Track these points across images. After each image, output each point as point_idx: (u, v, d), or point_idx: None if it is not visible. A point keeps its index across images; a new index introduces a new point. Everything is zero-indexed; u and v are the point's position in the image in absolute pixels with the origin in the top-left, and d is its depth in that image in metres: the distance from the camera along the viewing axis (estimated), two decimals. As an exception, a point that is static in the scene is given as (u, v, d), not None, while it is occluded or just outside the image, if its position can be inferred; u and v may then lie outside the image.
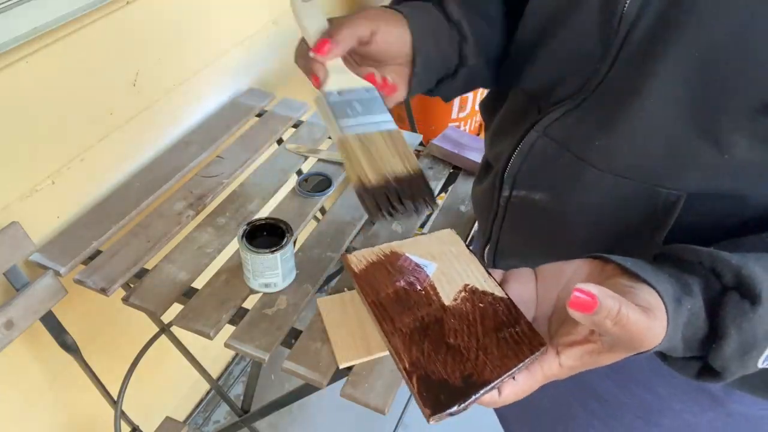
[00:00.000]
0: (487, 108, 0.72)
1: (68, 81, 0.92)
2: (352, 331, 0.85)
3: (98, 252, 0.96)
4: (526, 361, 0.42)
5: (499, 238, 0.66)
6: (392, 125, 0.53)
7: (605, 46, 0.51)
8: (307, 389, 1.02)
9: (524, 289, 0.47)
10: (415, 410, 1.62)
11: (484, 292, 0.48)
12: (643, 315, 0.37)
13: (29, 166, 0.90)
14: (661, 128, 0.49)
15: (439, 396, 0.42)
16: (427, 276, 0.51)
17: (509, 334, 0.45)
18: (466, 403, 0.41)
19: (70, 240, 0.96)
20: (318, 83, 0.53)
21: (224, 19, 1.24)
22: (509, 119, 0.65)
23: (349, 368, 0.82)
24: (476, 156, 1.20)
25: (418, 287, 0.50)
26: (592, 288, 0.35)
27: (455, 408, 0.41)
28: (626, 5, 0.48)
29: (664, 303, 0.38)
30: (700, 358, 0.43)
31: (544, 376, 0.42)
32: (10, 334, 0.85)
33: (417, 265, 0.52)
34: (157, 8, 1.05)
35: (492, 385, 0.42)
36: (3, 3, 0.78)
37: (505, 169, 0.61)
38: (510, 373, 0.42)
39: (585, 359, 0.41)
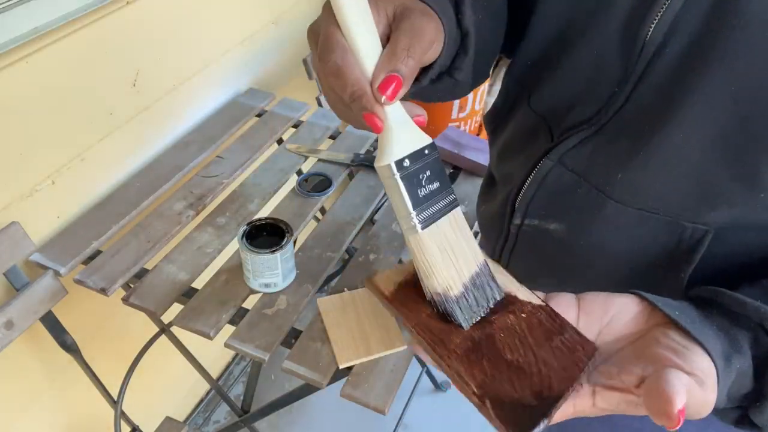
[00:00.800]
0: (494, 121, 0.67)
1: (68, 81, 0.92)
2: (352, 331, 0.85)
3: (98, 252, 0.96)
4: (586, 369, 0.40)
5: (509, 263, 0.62)
6: (455, 200, 0.44)
7: (626, 70, 0.48)
8: (307, 389, 1.02)
9: (564, 316, 0.44)
10: (415, 410, 1.62)
11: (522, 302, 0.46)
12: (700, 391, 0.36)
13: (29, 166, 0.90)
14: (688, 163, 0.46)
15: (518, 417, 0.38)
16: None
17: (560, 342, 0.42)
18: (547, 420, 0.38)
19: (70, 240, 0.96)
20: (380, 129, 0.39)
21: (224, 19, 1.24)
22: (519, 138, 0.60)
23: (349, 368, 0.82)
24: (476, 156, 1.20)
25: None
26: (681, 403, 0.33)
27: (540, 428, 0.38)
28: (650, 30, 0.45)
29: (716, 366, 0.37)
30: (741, 407, 0.42)
31: (574, 412, 0.39)
32: (10, 334, 0.85)
33: None
34: (157, 8, 1.05)
35: (564, 397, 0.39)
36: (3, 3, 0.78)
37: (517, 195, 0.57)
38: (576, 382, 0.40)
39: (621, 407, 0.38)
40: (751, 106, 0.43)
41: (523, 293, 0.46)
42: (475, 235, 0.63)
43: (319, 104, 1.41)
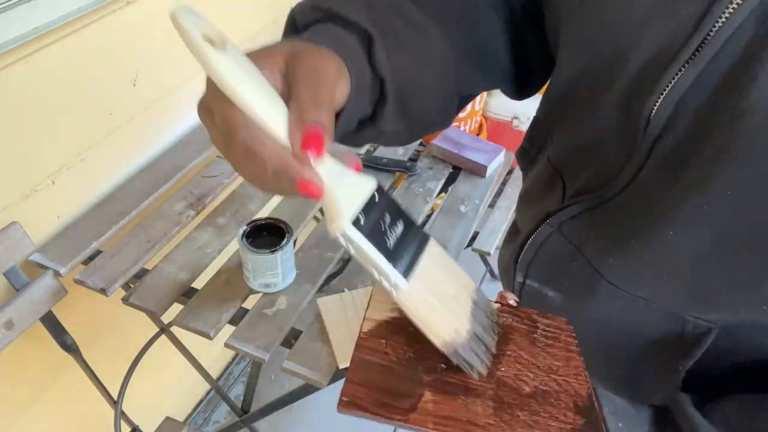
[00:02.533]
0: (522, 161, 0.63)
1: (68, 81, 0.92)
2: (352, 331, 0.85)
3: (98, 252, 0.95)
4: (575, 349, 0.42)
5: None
6: (425, 234, 0.40)
7: (633, 145, 0.43)
8: (307, 389, 1.02)
9: None
10: (415, 410, 1.62)
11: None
12: None
13: (29, 166, 0.90)
14: (683, 263, 0.42)
15: None
16: None
17: (544, 337, 0.42)
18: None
19: (70, 240, 0.95)
20: (320, 193, 0.34)
21: (225, 18, 1.24)
22: (537, 189, 0.58)
23: (349, 368, 0.82)
24: (476, 156, 1.20)
25: None
26: None
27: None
28: (655, 107, 0.40)
29: None
30: None
31: None
32: (10, 335, 0.85)
33: None
34: (158, 8, 1.05)
35: (591, 389, 0.40)
36: (3, 3, 0.78)
37: (519, 254, 0.55)
38: (584, 368, 0.41)
39: None
40: (752, 204, 0.38)
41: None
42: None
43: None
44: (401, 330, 0.42)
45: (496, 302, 0.45)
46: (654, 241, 0.43)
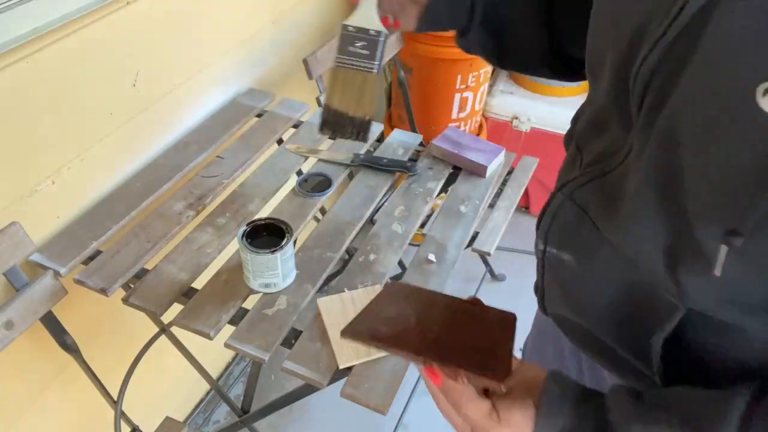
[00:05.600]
0: (566, 145, 0.68)
1: (68, 81, 0.92)
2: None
3: (98, 252, 0.96)
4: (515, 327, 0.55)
5: (544, 287, 0.66)
6: (374, 71, 0.62)
7: (628, 119, 0.45)
8: (307, 389, 1.02)
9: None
10: (415, 410, 1.62)
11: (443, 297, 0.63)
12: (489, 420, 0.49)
13: (29, 166, 0.90)
14: (644, 224, 0.45)
15: (497, 367, 0.51)
16: None
17: (487, 316, 0.58)
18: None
19: (70, 240, 0.96)
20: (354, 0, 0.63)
21: (224, 19, 1.24)
22: (565, 165, 0.64)
23: (349, 368, 0.82)
24: (476, 156, 1.20)
25: None
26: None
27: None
28: (635, 78, 0.42)
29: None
30: None
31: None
32: (10, 334, 0.85)
33: None
34: (157, 8, 1.05)
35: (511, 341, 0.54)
36: (3, 3, 0.78)
37: (539, 224, 0.61)
38: (513, 338, 0.54)
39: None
40: (681, 157, 0.39)
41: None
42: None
43: (319, 104, 1.41)
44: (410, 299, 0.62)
45: (467, 301, 0.60)
46: (633, 203, 0.46)
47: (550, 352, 0.78)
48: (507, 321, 0.56)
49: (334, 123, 0.63)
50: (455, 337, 0.55)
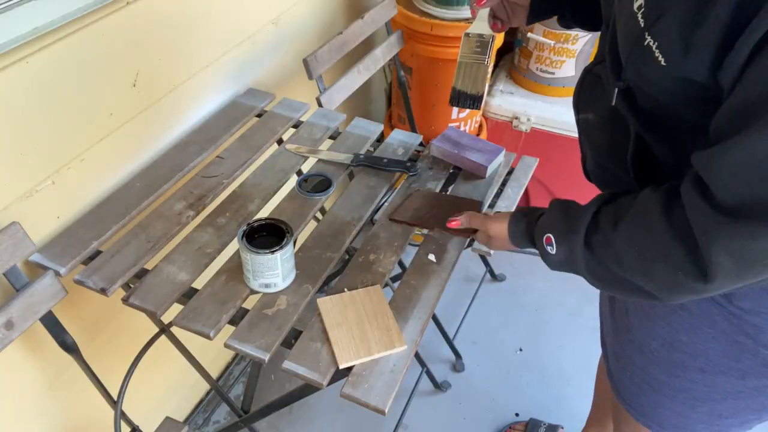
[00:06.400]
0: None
1: (68, 81, 0.92)
2: (352, 332, 0.85)
3: (98, 252, 0.96)
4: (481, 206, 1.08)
5: (584, 152, 0.86)
6: (485, 60, 0.94)
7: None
8: (307, 389, 1.02)
9: None
10: (415, 410, 1.62)
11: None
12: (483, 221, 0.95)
13: (29, 166, 0.90)
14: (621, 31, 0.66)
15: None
16: None
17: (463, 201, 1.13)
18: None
19: (70, 240, 0.96)
20: (473, 14, 0.95)
21: (224, 19, 1.24)
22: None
23: (349, 368, 0.82)
24: (476, 156, 1.20)
25: None
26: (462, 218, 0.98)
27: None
28: None
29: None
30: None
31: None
32: (10, 335, 0.85)
33: None
34: (158, 8, 1.05)
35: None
36: (3, 3, 0.78)
37: (576, 98, 0.84)
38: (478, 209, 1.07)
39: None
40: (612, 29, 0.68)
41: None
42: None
43: (319, 104, 1.41)
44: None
45: (466, 199, 1.12)
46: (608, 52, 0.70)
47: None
48: (476, 203, 1.11)
49: (458, 98, 0.97)
50: (449, 215, 1.02)
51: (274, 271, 0.88)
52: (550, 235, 0.76)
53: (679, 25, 0.54)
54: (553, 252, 0.76)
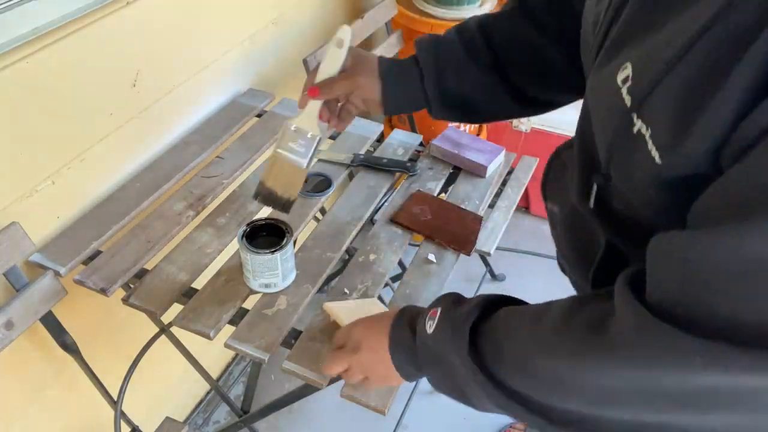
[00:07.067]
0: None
1: (68, 81, 0.92)
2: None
3: (98, 252, 0.95)
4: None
5: (557, 246, 0.73)
6: (304, 165, 0.76)
7: None
8: (307, 389, 1.02)
9: None
10: (414, 411, 1.62)
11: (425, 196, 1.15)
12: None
13: (29, 166, 0.90)
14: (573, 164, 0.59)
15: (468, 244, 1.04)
16: None
17: (465, 213, 1.13)
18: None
19: (70, 240, 0.95)
20: (303, 103, 0.74)
21: (224, 19, 1.24)
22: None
23: (349, 368, 0.82)
24: (476, 156, 1.20)
25: None
26: None
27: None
28: (602, 16, 0.51)
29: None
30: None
31: None
32: (10, 335, 0.85)
33: None
34: (157, 8, 1.05)
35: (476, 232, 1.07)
36: (3, 3, 0.78)
37: (544, 185, 0.74)
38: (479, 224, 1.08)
39: None
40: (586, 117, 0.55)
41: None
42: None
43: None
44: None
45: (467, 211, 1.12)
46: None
47: None
48: (478, 218, 1.09)
49: (266, 197, 0.79)
50: (450, 226, 1.06)
51: (274, 271, 0.88)
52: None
53: (680, 98, 0.40)
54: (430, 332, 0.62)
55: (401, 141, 1.29)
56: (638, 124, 0.43)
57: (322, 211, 1.27)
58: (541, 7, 0.70)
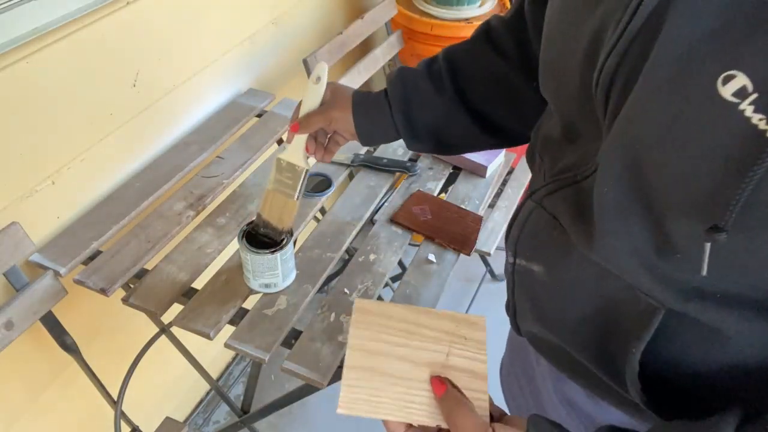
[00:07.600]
0: (528, 159, 0.67)
1: (68, 81, 0.92)
2: (370, 377, 0.57)
3: (98, 252, 0.95)
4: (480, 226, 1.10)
5: (516, 303, 0.64)
6: (294, 197, 0.81)
7: (598, 128, 0.45)
8: (307, 389, 1.02)
9: None
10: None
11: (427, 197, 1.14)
12: None
13: (29, 166, 0.90)
14: (618, 230, 0.43)
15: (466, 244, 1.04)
16: None
17: (461, 212, 1.12)
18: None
19: (70, 240, 0.95)
20: (288, 141, 0.78)
21: (224, 19, 1.24)
22: (532, 179, 0.64)
23: (349, 368, 0.82)
24: (476, 156, 1.20)
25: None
26: None
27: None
28: (599, 78, 0.41)
29: None
30: None
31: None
32: (10, 335, 0.85)
33: None
34: (157, 8, 1.05)
35: (476, 232, 1.07)
36: (3, 3, 0.78)
37: (508, 234, 0.61)
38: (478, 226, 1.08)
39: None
40: (638, 170, 0.39)
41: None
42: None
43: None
44: None
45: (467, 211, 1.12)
46: (604, 210, 0.44)
47: (522, 377, 0.77)
48: (478, 218, 1.09)
49: (263, 227, 0.85)
50: (450, 227, 1.05)
51: (274, 271, 0.88)
52: None
53: None
54: None
55: (401, 141, 1.29)
56: None
57: (322, 211, 1.27)
58: (503, 34, 0.69)
